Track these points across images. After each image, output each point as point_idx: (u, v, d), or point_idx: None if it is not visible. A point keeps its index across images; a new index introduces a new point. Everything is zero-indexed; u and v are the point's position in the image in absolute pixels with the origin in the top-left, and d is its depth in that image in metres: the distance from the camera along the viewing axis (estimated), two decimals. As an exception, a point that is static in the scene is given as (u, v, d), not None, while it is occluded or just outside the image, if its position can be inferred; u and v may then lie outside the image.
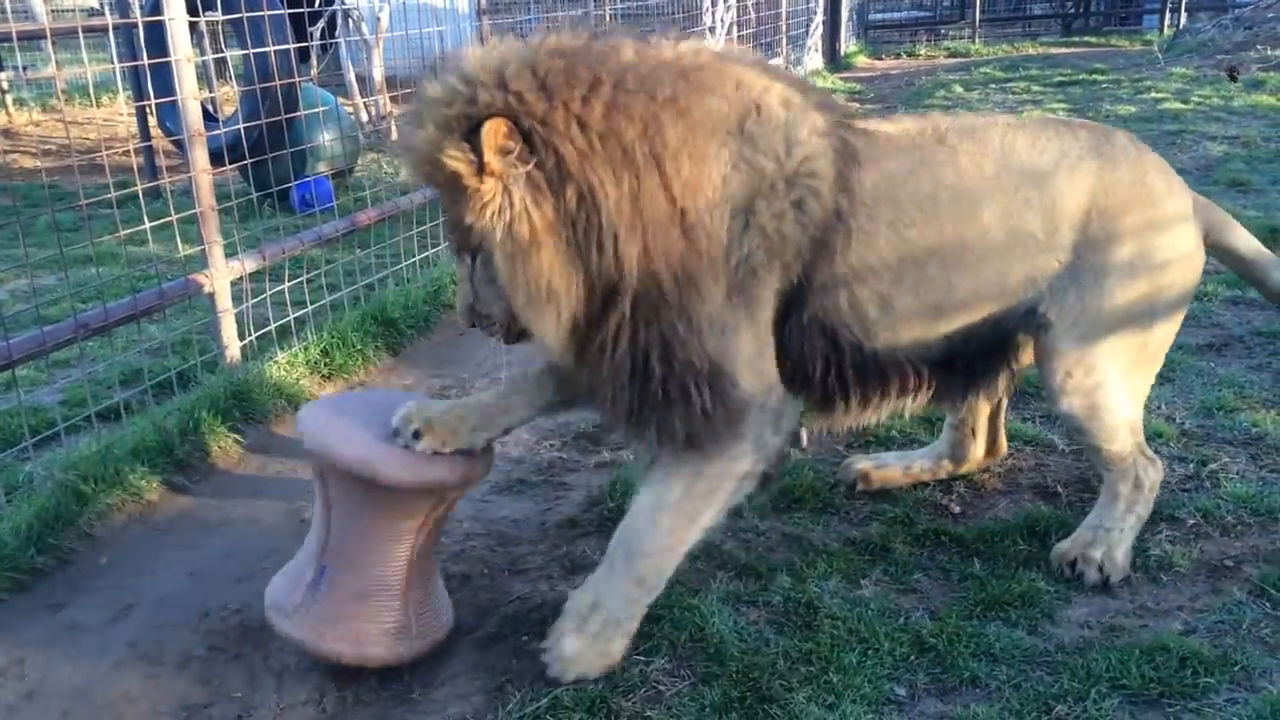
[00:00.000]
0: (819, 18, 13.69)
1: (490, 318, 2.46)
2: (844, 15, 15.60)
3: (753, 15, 11.00)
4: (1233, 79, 10.87)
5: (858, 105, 2.40)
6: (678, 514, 2.48)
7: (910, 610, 2.73)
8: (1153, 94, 10.54)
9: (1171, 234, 2.75)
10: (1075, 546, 2.89)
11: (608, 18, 13.13)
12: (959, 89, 11.81)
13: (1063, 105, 10.32)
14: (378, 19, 9.98)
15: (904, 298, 2.57)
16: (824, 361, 2.56)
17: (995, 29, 18.04)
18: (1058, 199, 2.65)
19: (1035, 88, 11.70)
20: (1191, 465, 3.38)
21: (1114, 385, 2.75)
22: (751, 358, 2.41)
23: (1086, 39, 16.91)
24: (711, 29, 9.44)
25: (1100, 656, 2.48)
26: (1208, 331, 4.43)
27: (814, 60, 13.60)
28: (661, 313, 2.30)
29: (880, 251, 2.51)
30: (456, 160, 2.16)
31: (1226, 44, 12.85)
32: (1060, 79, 12.13)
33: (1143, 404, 2.89)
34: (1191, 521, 3.06)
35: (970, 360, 2.76)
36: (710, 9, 9.44)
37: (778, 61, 12.05)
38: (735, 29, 10.06)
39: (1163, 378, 3.90)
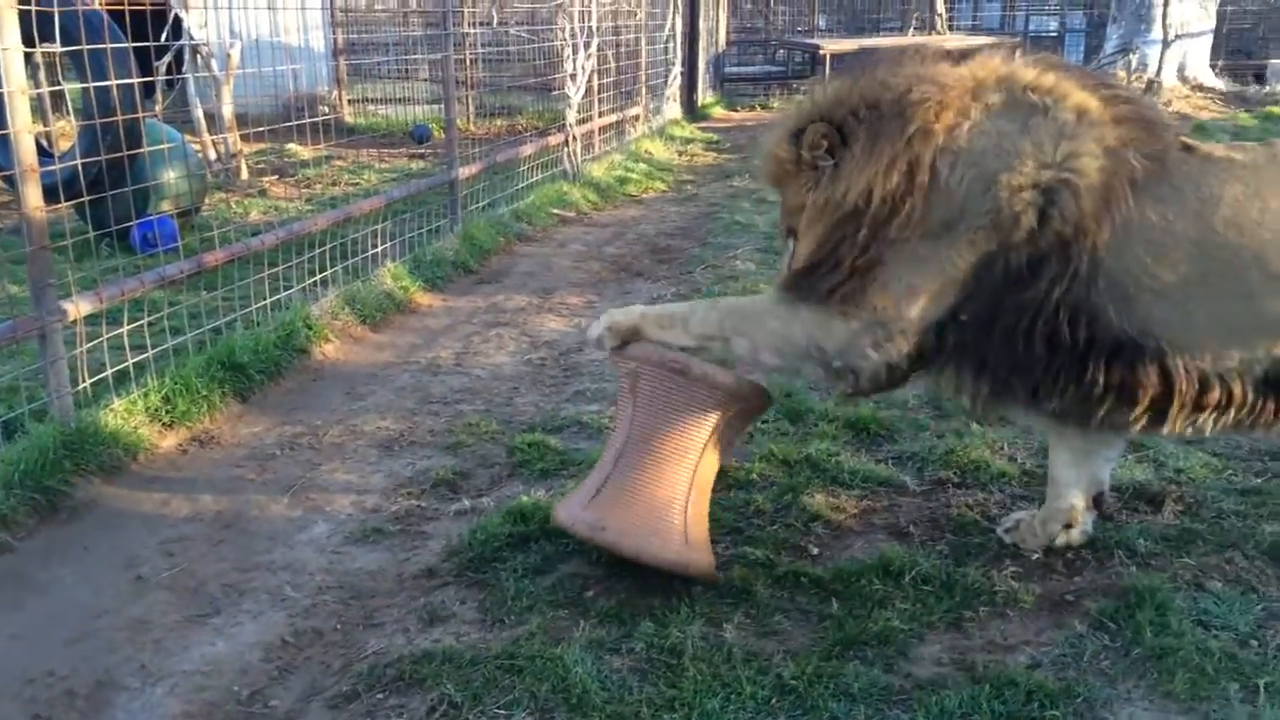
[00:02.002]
0: (677, 69, 13.97)
1: None
2: (701, 68, 15.98)
3: (613, 64, 11.15)
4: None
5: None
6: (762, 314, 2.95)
7: (772, 653, 2.74)
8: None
9: None
10: None
11: (468, 62, 13.13)
12: (811, 141, 12.19)
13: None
14: (228, 55, 9.71)
15: (1203, 310, 2.68)
16: (1094, 359, 2.71)
17: (844, 84, 18.72)
18: None
19: (882, 141, 12.17)
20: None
21: None
22: (910, 286, 2.76)
23: (929, 96, 17.77)
24: (573, 76, 9.52)
25: (953, 693, 2.54)
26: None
27: (672, 110, 13.86)
28: (863, 223, 2.75)
29: (1171, 263, 2.66)
30: (784, 151, 2.96)
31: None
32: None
33: None
34: (1036, 557, 3.18)
35: None
36: (571, 56, 9.52)
37: (636, 110, 12.24)
38: (596, 77, 10.17)
39: (1003, 419, 4.08)
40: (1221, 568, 3.09)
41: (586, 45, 9.66)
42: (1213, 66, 15.95)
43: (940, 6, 18.75)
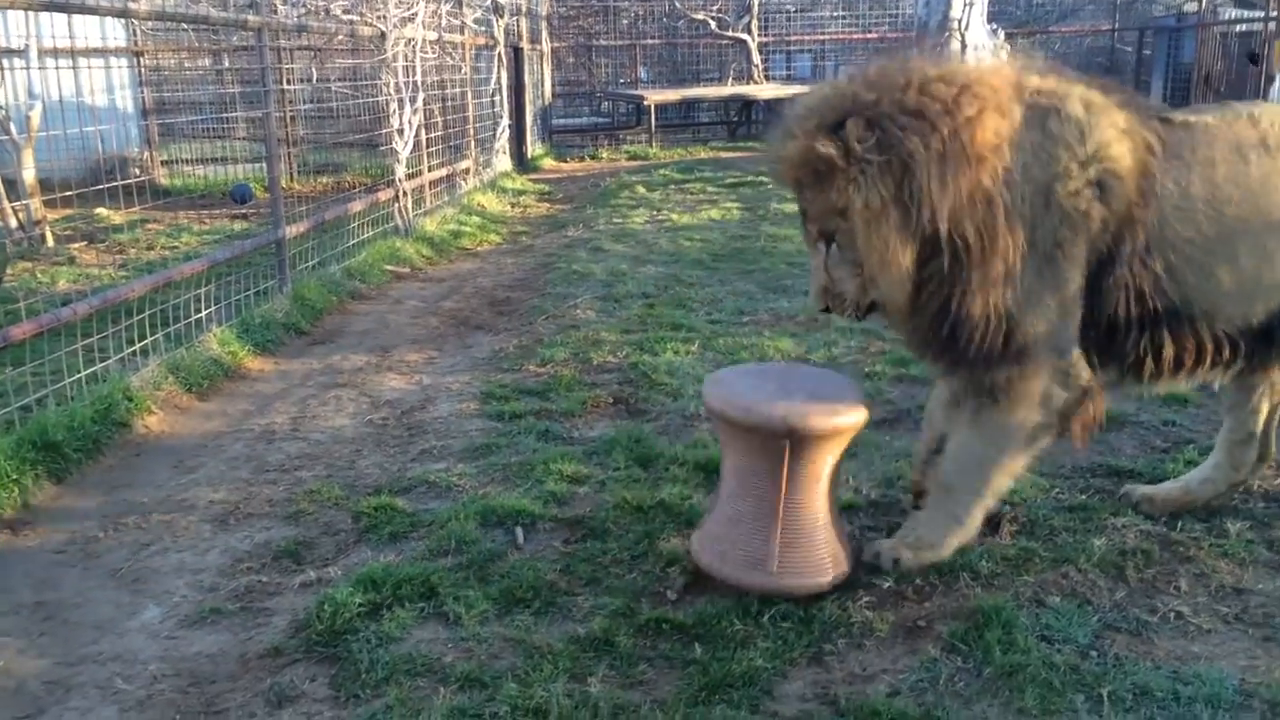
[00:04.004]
0: (505, 122, 13.99)
1: (841, 296, 3.04)
2: (529, 120, 16.07)
3: (440, 119, 11.08)
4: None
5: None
6: (983, 462, 3.12)
7: (639, 704, 2.70)
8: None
9: None
10: None
11: (288, 119, 12.81)
12: (641, 189, 12.42)
13: (736, 204, 11.08)
14: (27, 117, 9.18)
15: (1222, 268, 2.96)
16: (1138, 326, 3.02)
17: (670, 134, 19.12)
18: None
19: (710, 188, 12.49)
20: (882, 534, 3.61)
21: None
22: (1053, 322, 2.92)
23: (750, 144, 18.32)
24: (399, 131, 9.40)
25: (820, 728, 2.56)
26: (881, 408, 4.79)
27: (503, 162, 13.85)
28: (966, 265, 2.84)
29: (1196, 226, 2.96)
30: (829, 148, 2.81)
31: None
32: (732, 180, 13.00)
33: None
34: (887, 585, 3.26)
35: None
36: (398, 111, 9.40)
37: (466, 164, 12.18)
38: (424, 131, 10.07)
39: (847, 453, 4.18)
40: (1059, 583, 3.24)
41: (413, 100, 9.56)
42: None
43: (756, 58, 19.45)
